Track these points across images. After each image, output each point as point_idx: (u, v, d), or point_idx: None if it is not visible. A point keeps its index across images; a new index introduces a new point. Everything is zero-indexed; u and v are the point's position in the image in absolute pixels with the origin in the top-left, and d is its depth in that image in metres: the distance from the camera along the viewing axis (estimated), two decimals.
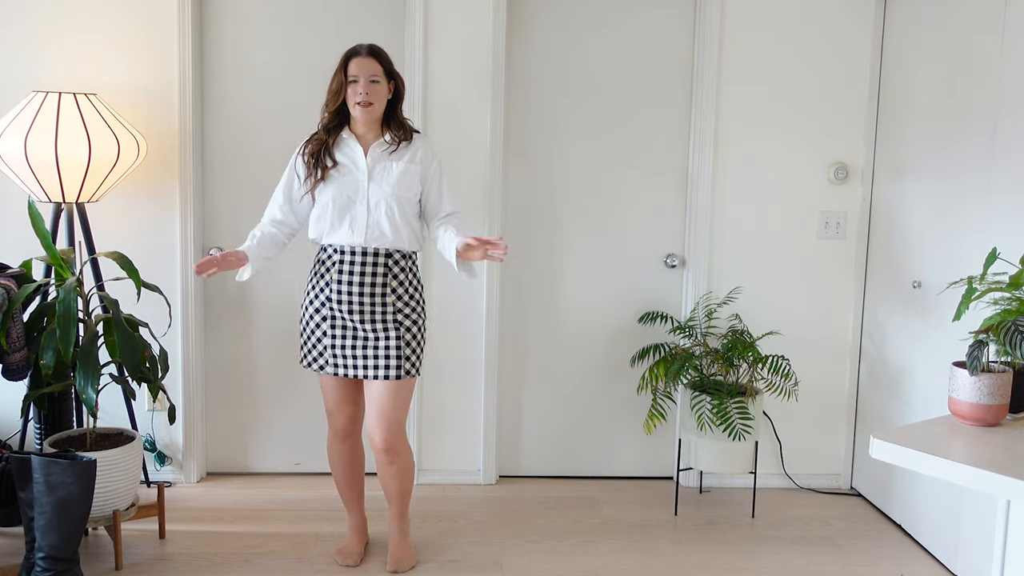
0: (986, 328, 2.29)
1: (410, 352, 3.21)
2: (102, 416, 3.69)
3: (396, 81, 3.22)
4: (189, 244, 3.95)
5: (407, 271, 3.22)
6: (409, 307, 3.21)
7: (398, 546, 3.41)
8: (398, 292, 3.19)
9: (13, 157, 3.44)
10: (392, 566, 3.35)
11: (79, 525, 3.02)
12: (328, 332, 3.21)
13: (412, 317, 3.21)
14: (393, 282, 3.19)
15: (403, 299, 3.20)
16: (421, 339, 3.25)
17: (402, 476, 3.34)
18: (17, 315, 3.20)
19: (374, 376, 3.19)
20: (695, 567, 3.46)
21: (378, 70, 3.15)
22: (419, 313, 3.25)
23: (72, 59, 3.81)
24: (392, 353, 3.18)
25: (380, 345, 3.18)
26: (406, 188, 3.17)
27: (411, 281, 3.23)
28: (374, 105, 3.14)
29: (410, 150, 3.21)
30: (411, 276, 3.24)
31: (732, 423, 3.70)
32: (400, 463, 3.30)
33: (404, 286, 3.21)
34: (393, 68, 3.22)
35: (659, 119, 4.13)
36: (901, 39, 3.89)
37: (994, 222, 3.19)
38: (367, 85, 3.12)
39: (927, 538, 3.62)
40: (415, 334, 3.22)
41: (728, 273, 4.13)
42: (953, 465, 2.01)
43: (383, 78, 3.16)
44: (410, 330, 3.21)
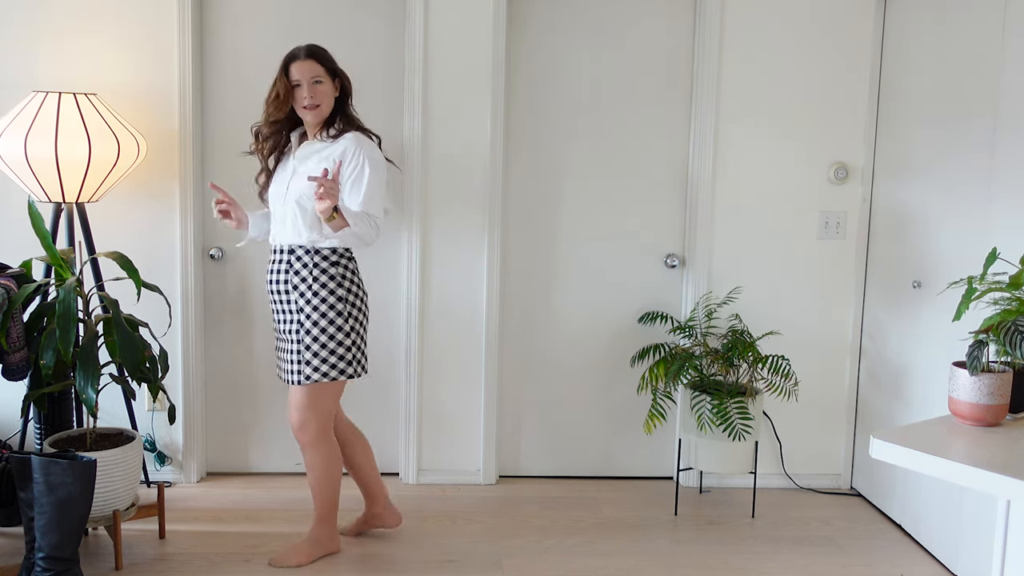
0: (986, 328, 2.29)
1: (311, 356, 3.13)
2: (102, 416, 3.69)
3: (341, 79, 3.21)
4: (189, 244, 3.95)
5: (309, 267, 3.13)
6: (311, 306, 3.12)
7: (295, 543, 3.40)
8: (300, 290, 3.13)
9: (13, 157, 3.44)
10: (273, 556, 3.38)
11: (79, 525, 3.02)
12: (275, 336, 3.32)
13: (314, 318, 3.12)
14: (295, 279, 3.14)
15: (305, 297, 3.13)
16: (329, 342, 3.13)
17: (308, 469, 3.32)
18: (17, 315, 3.20)
19: (284, 379, 3.23)
20: (695, 567, 3.46)
21: (319, 70, 3.15)
22: (324, 315, 3.13)
23: (72, 59, 3.81)
24: (293, 357, 3.17)
25: (284, 348, 3.21)
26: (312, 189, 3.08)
27: (316, 278, 3.13)
28: (321, 107, 3.16)
29: (338, 147, 3.16)
30: (316, 273, 3.14)
31: (732, 423, 3.70)
32: (308, 457, 3.30)
33: (307, 283, 3.13)
34: (336, 66, 3.21)
35: (659, 119, 4.13)
36: (901, 39, 3.89)
37: (994, 222, 3.19)
38: (311, 88, 3.14)
39: (927, 538, 3.62)
40: (316, 336, 3.12)
41: (728, 273, 4.13)
42: (953, 465, 2.01)
43: (326, 77, 3.16)
44: (310, 332, 3.13)
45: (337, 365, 3.16)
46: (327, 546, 3.42)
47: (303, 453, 3.32)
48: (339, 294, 3.16)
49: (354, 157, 3.13)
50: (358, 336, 3.21)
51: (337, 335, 3.15)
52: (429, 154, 3.99)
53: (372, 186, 3.13)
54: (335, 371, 3.17)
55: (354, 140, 3.17)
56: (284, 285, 3.16)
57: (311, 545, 3.39)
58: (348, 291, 3.18)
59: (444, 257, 4.06)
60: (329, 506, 3.38)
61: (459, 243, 4.05)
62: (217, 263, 4.06)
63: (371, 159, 3.14)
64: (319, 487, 3.34)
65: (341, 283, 3.17)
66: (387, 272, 4.11)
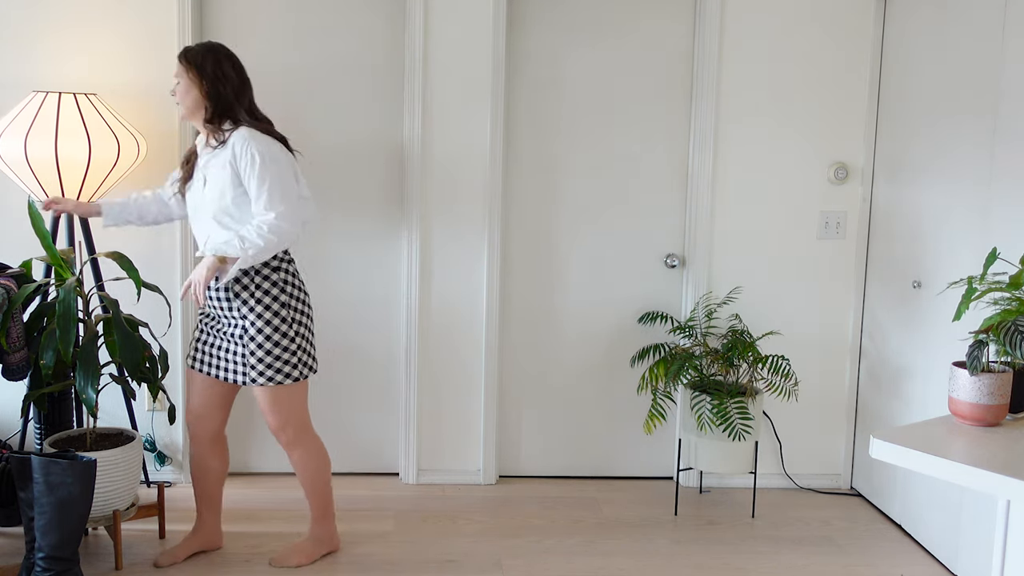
0: (986, 328, 2.29)
1: (255, 361, 3.11)
2: (102, 416, 3.69)
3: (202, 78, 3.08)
4: (189, 244, 3.94)
5: (251, 274, 3.09)
6: (255, 313, 3.09)
7: (298, 543, 3.40)
8: (243, 297, 3.09)
9: (13, 157, 3.44)
10: (274, 557, 3.38)
11: (79, 525, 3.02)
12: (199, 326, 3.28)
13: (258, 325, 3.09)
14: (236, 287, 3.10)
15: (248, 304, 3.09)
16: (275, 347, 3.11)
17: (300, 470, 3.32)
18: (17, 315, 3.20)
19: (224, 379, 3.20)
20: (695, 567, 3.46)
21: (178, 69, 3.12)
22: (268, 321, 3.10)
23: (72, 59, 3.81)
24: (238, 359, 3.15)
25: (223, 347, 3.18)
26: (220, 197, 3.06)
27: (259, 285, 3.10)
28: (181, 105, 3.14)
29: (226, 151, 3.07)
30: (258, 280, 3.10)
31: (732, 423, 3.70)
32: (296, 457, 3.30)
33: (249, 290, 3.09)
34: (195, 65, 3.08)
35: (659, 119, 4.13)
36: (901, 39, 3.89)
37: (994, 222, 3.19)
38: (175, 86, 3.15)
39: (927, 538, 3.62)
40: (261, 343, 3.10)
41: (728, 273, 4.13)
42: (953, 465, 2.01)
43: (183, 76, 3.10)
44: (255, 339, 3.10)
45: (285, 368, 3.15)
46: (328, 544, 3.42)
47: (289, 455, 3.32)
48: (282, 299, 3.14)
49: (243, 156, 3.02)
50: (303, 339, 3.21)
51: (282, 340, 3.13)
52: (429, 154, 3.99)
53: (271, 181, 3.01)
54: (288, 375, 3.15)
55: (240, 138, 3.04)
56: (224, 291, 3.10)
57: (312, 544, 3.39)
58: (291, 295, 3.17)
59: (444, 257, 4.06)
60: (325, 503, 3.38)
61: (459, 243, 4.05)
62: None
63: (261, 152, 3.02)
64: (312, 485, 3.34)
65: (284, 288, 3.15)
66: (387, 272, 4.11)
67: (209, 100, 3.09)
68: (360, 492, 4.04)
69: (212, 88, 3.09)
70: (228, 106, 3.10)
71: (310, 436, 3.31)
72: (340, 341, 4.12)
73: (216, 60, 3.11)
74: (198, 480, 3.40)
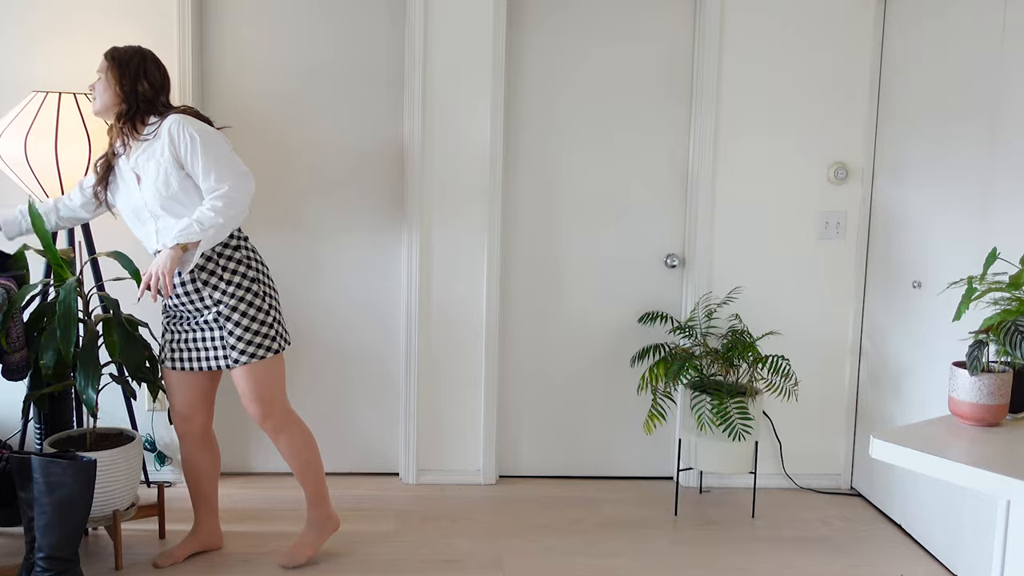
0: (986, 328, 2.29)
1: (235, 340, 3.12)
2: (102, 416, 3.69)
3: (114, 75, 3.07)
4: None
5: (215, 259, 3.09)
6: (227, 294, 3.09)
7: (300, 538, 3.39)
8: (211, 283, 3.10)
9: (13, 157, 3.44)
10: (281, 558, 3.37)
11: (79, 525, 3.02)
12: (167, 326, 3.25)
13: (232, 304, 3.10)
14: (203, 275, 3.10)
15: (219, 288, 3.10)
16: (253, 322, 3.12)
17: (291, 453, 3.31)
18: (17, 315, 3.20)
19: (208, 368, 3.18)
20: (695, 567, 3.46)
21: (100, 65, 3.10)
22: (242, 298, 3.11)
23: (72, 59, 3.81)
24: (217, 344, 3.15)
25: (201, 338, 3.17)
26: (165, 186, 3.04)
27: (224, 267, 3.10)
28: (96, 99, 3.11)
29: (158, 142, 3.04)
30: (223, 262, 3.10)
31: (732, 423, 3.70)
32: (284, 440, 3.29)
33: (217, 274, 3.10)
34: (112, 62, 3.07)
35: (659, 119, 4.13)
36: (901, 39, 3.89)
37: (994, 222, 3.19)
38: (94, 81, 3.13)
39: (927, 538, 3.62)
40: (238, 321, 3.10)
41: (728, 273, 4.13)
42: (953, 465, 2.01)
43: (102, 72, 3.09)
44: (231, 318, 3.10)
45: (265, 342, 3.15)
46: (329, 527, 3.42)
47: (276, 442, 3.30)
48: (251, 275, 3.14)
49: (181, 139, 3.01)
50: (276, 310, 3.22)
51: (259, 315, 3.14)
52: (429, 154, 3.99)
53: (215, 153, 3.00)
54: (268, 348, 3.16)
55: (174, 123, 3.03)
56: (191, 284, 3.10)
57: (315, 532, 3.39)
58: (257, 271, 3.17)
59: (444, 257, 4.06)
60: (320, 485, 3.37)
61: (459, 243, 4.05)
62: None
63: (198, 131, 3.02)
64: (303, 469, 3.33)
65: (250, 265, 3.15)
66: (387, 272, 4.11)
67: (126, 100, 3.08)
68: (360, 492, 4.04)
69: (131, 88, 3.08)
70: (148, 103, 3.09)
71: (293, 419, 3.31)
72: (340, 341, 4.12)
73: (142, 59, 3.11)
74: (192, 481, 3.40)
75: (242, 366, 3.15)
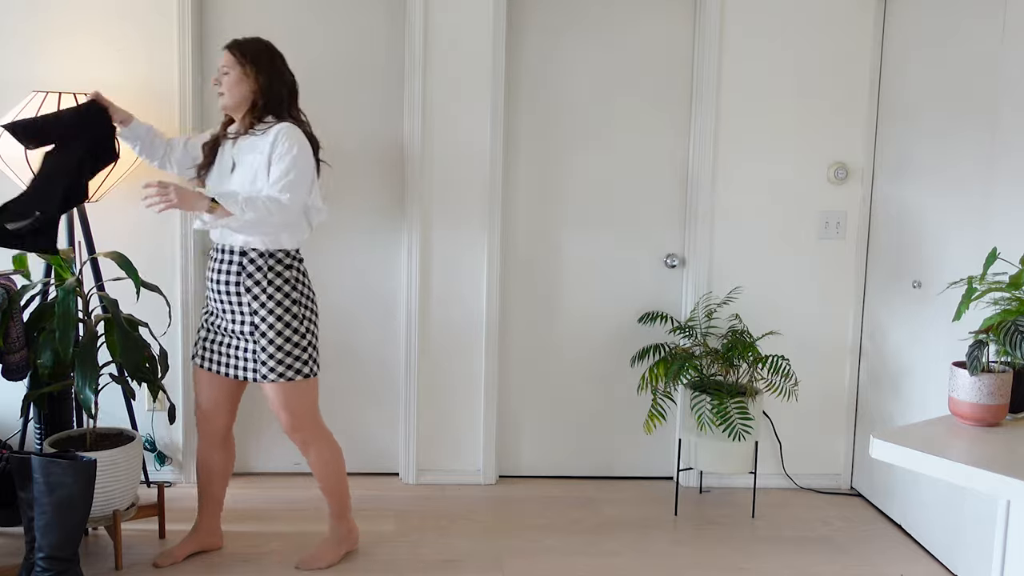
0: (986, 328, 2.29)
1: (267, 357, 3.11)
2: (102, 416, 3.68)
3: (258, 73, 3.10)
4: (189, 244, 3.94)
5: (264, 270, 3.11)
6: (267, 309, 3.10)
7: (320, 545, 3.40)
8: (254, 292, 3.10)
9: (13, 157, 3.44)
10: (299, 560, 3.37)
11: (79, 525, 3.02)
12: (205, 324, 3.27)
13: (269, 321, 3.10)
14: (248, 281, 3.11)
15: (260, 300, 3.10)
16: (286, 343, 3.12)
17: (318, 467, 3.32)
18: (17, 315, 3.20)
19: (234, 376, 3.20)
20: (695, 567, 3.46)
21: (228, 61, 3.12)
22: (279, 317, 3.11)
23: (72, 59, 3.81)
24: (247, 355, 3.16)
25: (231, 344, 3.19)
26: (252, 182, 3.07)
27: (271, 281, 3.11)
28: (225, 95, 3.14)
29: (265, 139, 3.09)
30: (271, 276, 3.11)
31: (732, 423, 3.70)
32: (313, 454, 3.30)
33: (261, 286, 3.10)
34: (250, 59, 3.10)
35: (659, 119, 4.13)
36: (901, 39, 3.89)
37: (994, 222, 3.19)
38: (219, 75, 3.14)
39: (927, 538, 3.62)
40: (272, 339, 3.11)
41: (728, 273, 4.13)
42: (953, 465, 2.01)
43: (234, 69, 3.11)
44: (266, 335, 3.10)
45: (296, 365, 3.15)
46: (348, 542, 3.43)
47: (305, 454, 3.31)
48: (293, 296, 3.15)
49: (281, 141, 3.05)
50: (313, 336, 3.22)
51: (293, 336, 3.14)
52: (429, 154, 3.99)
53: (295, 172, 3.03)
54: (298, 371, 3.16)
55: (284, 128, 3.08)
56: (234, 287, 3.11)
57: (334, 544, 3.39)
58: (301, 293, 3.18)
59: (444, 257, 4.06)
60: (344, 500, 3.39)
61: (459, 243, 4.05)
62: None
63: (299, 146, 3.06)
64: (329, 483, 3.34)
65: (295, 286, 3.16)
66: (387, 272, 4.11)
67: (263, 96, 3.12)
68: (360, 492, 4.03)
69: (268, 85, 3.12)
70: (279, 103, 3.14)
71: (324, 435, 3.31)
72: (340, 341, 4.12)
73: (272, 57, 3.16)
74: (203, 479, 3.40)
75: (270, 383, 3.15)
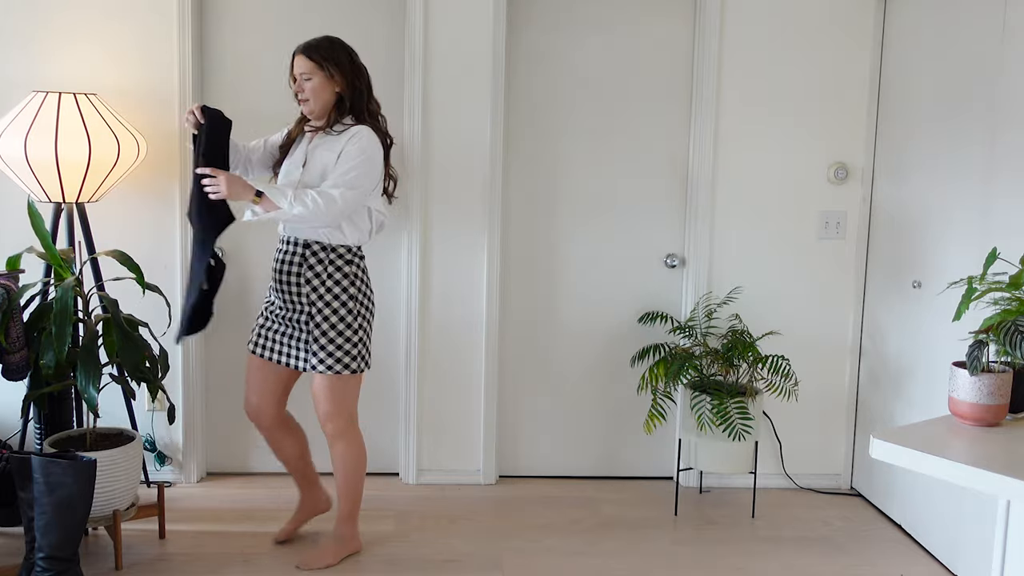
0: (986, 328, 2.29)
1: (318, 348, 3.16)
2: (102, 416, 3.68)
3: (341, 75, 3.14)
4: (189, 244, 3.94)
5: (325, 263, 3.16)
6: (324, 301, 3.15)
7: (322, 544, 3.43)
8: (313, 284, 3.16)
9: (13, 157, 3.44)
10: (300, 559, 3.38)
11: (79, 525, 3.02)
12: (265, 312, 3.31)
13: (325, 313, 3.15)
14: (308, 273, 3.16)
15: (318, 292, 3.15)
16: (338, 337, 3.16)
17: (339, 465, 3.34)
18: (17, 315, 3.20)
19: (286, 364, 3.25)
20: (695, 567, 3.46)
21: (308, 67, 3.14)
22: (335, 310, 3.16)
23: (72, 59, 3.81)
24: (301, 345, 3.21)
25: (287, 333, 3.24)
26: (320, 177, 3.13)
27: (331, 275, 3.16)
28: (310, 101, 3.16)
29: (340, 140, 3.15)
30: (331, 270, 3.16)
31: (732, 423, 3.70)
32: (339, 449, 3.32)
33: (321, 278, 3.15)
34: (331, 63, 3.13)
35: (659, 119, 4.13)
36: (901, 39, 3.89)
37: (994, 222, 3.19)
38: (300, 83, 3.16)
39: (927, 538, 3.62)
40: (325, 331, 3.15)
41: (728, 273, 4.13)
42: (953, 465, 2.01)
43: (317, 74, 3.13)
44: (320, 326, 3.16)
45: (345, 359, 3.19)
46: (352, 545, 3.44)
47: (332, 447, 3.33)
48: (351, 292, 3.19)
49: (353, 144, 3.10)
50: (365, 333, 3.26)
51: (346, 331, 3.18)
52: (429, 154, 3.99)
53: (357, 172, 3.07)
54: (347, 366, 3.20)
55: (360, 131, 3.13)
56: (296, 277, 3.17)
57: (338, 544, 3.40)
58: (359, 290, 3.22)
59: (444, 257, 4.06)
60: (356, 502, 3.40)
61: (459, 243, 4.05)
62: None
63: (368, 151, 3.11)
64: (347, 481, 3.36)
65: (353, 282, 3.20)
66: (387, 272, 4.11)
67: (348, 96, 3.16)
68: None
69: (350, 84, 3.16)
70: (360, 100, 3.17)
71: (355, 431, 3.35)
72: None
73: (348, 54, 3.19)
74: (282, 462, 3.50)
75: (319, 374, 3.19)
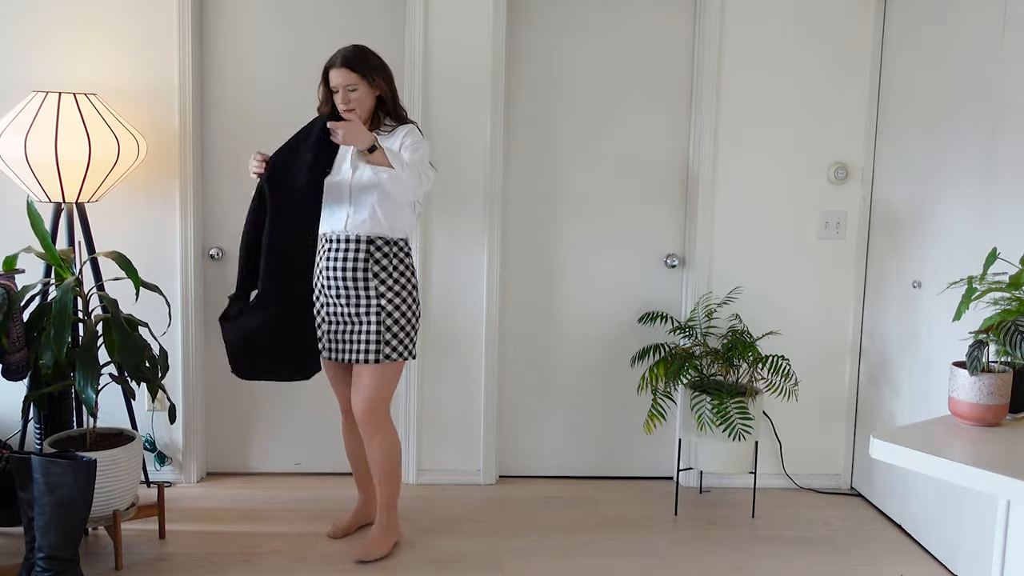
0: (986, 328, 2.29)
1: (390, 337, 3.28)
2: (102, 416, 3.68)
3: (381, 80, 3.28)
4: (189, 244, 3.95)
5: (389, 256, 3.29)
6: (392, 291, 3.28)
7: (372, 536, 3.46)
8: (380, 277, 3.27)
9: (13, 157, 3.44)
10: (357, 553, 3.42)
11: (79, 525, 3.02)
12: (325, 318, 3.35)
13: (395, 303, 3.28)
14: (375, 267, 3.26)
15: (386, 283, 3.27)
16: (406, 324, 3.31)
17: (380, 457, 3.38)
18: (17, 315, 3.20)
19: (356, 360, 3.30)
20: (695, 567, 3.46)
21: (352, 78, 3.23)
22: (403, 299, 3.30)
23: (72, 59, 3.81)
24: (372, 338, 3.27)
25: (353, 329, 3.29)
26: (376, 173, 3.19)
27: (395, 267, 3.30)
28: (356, 110, 3.25)
29: (392, 139, 3.28)
30: (395, 262, 3.30)
31: (732, 423, 3.70)
32: (378, 442, 3.36)
33: (387, 271, 3.28)
34: (371, 71, 3.26)
35: (659, 118, 4.13)
36: (901, 39, 3.89)
37: (994, 222, 3.19)
38: (345, 95, 3.25)
39: (927, 538, 3.62)
40: (396, 319, 3.28)
41: (728, 273, 4.13)
42: (953, 465, 2.01)
43: (361, 83, 3.24)
44: (391, 315, 3.27)
45: (402, 345, 3.32)
46: (396, 532, 3.52)
47: (369, 443, 3.38)
48: (413, 282, 3.35)
49: (407, 137, 3.28)
50: (417, 320, 3.39)
51: (412, 319, 3.35)
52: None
53: (424, 156, 3.27)
54: (402, 353, 3.32)
55: (411, 128, 3.32)
56: (363, 272, 3.26)
57: (385, 534, 3.47)
58: (409, 281, 3.35)
59: (444, 256, 4.06)
60: (394, 494, 3.47)
61: (459, 242, 4.05)
62: (217, 263, 4.06)
63: (423, 142, 3.32)
64: (385, 473, 3.41)
65: (411, 275, 3.35)
66: None
67: (389, 100, 3.31)
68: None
69: (389, 89, 3.32)
70: (396, 102, 3.34)
71: (390, 426, 3.42)
72: None
73: (381, 61, 3.32)
74: (353, 463, 3.60)
75: (374, 364, 3.27)
